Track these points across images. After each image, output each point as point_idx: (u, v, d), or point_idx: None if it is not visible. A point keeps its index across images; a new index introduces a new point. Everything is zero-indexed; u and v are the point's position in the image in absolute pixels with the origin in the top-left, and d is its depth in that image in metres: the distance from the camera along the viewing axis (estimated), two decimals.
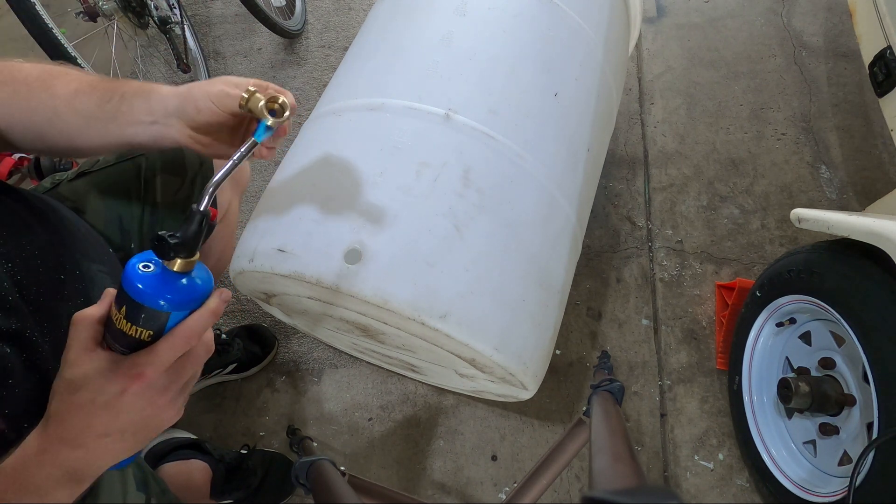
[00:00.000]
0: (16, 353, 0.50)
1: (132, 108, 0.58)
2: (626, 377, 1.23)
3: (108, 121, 0.58)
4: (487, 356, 0.73)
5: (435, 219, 0.72)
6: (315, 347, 1.28)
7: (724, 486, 1.12)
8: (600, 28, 1.01)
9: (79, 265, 0.61)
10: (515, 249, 0.77)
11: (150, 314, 0.41)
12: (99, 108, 0.58)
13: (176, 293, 0.42)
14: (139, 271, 0.41)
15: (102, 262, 0.66)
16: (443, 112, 0.79)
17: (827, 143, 1.49)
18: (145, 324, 0.42)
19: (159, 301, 0.41)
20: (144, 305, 0.41)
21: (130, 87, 0.59)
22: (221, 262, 0.96)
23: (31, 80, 0.58)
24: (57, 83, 0.58)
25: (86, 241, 0.65)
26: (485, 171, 0.77)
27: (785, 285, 0.99)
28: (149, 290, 0.41)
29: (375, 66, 0.90)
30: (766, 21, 1.71)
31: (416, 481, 1.14)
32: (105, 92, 0.58)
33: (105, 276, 0.65)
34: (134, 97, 0.58)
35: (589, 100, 0.96)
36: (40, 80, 0.58)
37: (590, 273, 1.34)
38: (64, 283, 0.58)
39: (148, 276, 0.41)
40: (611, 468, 0.61)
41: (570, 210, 0.88)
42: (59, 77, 0.58)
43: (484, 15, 0.90)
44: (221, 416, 1.22)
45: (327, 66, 1.72)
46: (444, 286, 0.70)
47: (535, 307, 0.79)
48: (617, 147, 1.52)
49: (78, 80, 0.59)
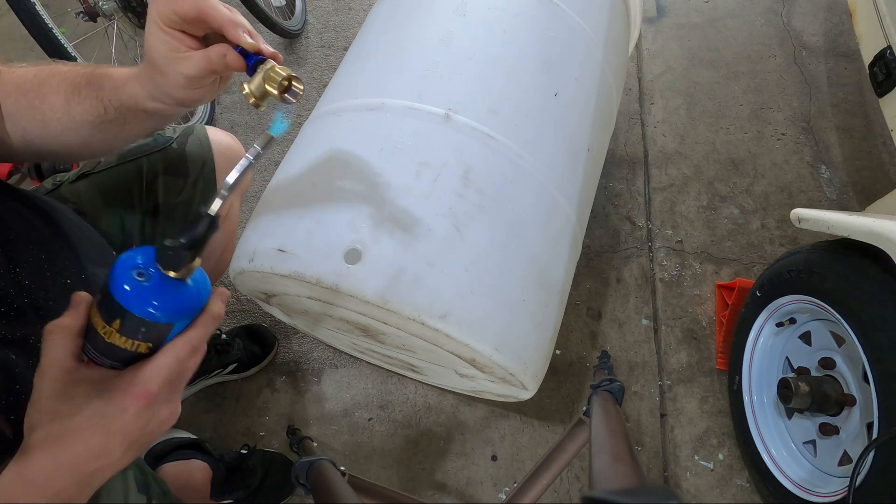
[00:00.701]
0: (22, 359, 0.50)
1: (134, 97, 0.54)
2: (626, 377, 1.23)
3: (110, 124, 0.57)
4: (487, 356, 0.73)
5: (435, 219, 0.72)
6: (315, 347, 1.28)
7: (724, 486, 1.12)
8: (600, 28, 1.01)
9: (84, 269, 0.61)
10: (515, 249, 0.77)
11: (151, 327, 0.38)
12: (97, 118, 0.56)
13: (179, 302, 0.38)
14: (136, 281, 0.37)
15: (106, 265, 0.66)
16: (443, 112, 0.79)
17: (827, 143, 1.49)
18: (145, 336, 0.38)
19: (164, 314, 0.37)
20: (146, 320, 0.37)
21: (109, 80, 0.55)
22: (221, 262, 0.96)
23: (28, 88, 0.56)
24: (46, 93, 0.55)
25: (89, 244, 0.65)
26: (485, 171, 0.77)
27: (785, 285, 0.99)
28: (151, 304, 0.37)
29: (375, 66, 0.90)
30: (766, 21, 1.71)
31: (416, 481, 1.14)
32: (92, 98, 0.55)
33: None
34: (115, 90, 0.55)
35: (589, 100, 0.96)
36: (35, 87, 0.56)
37: (590, 273, 1.34)
38: (70, 287, 0.58)
39: (147, 287, 0.37)
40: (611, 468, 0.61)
41: (570, 210, 0.88)
42: (43, 86, 0.56)
43: (484, 15, 0.90)
44: (221, 416, 1.22)
45: (327, 66, 1.72)
46: (444, 286, 0.70)
47: (535, 307, 0.79)
48: (617, 147, 1.52)
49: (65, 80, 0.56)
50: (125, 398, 0.37)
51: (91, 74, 0.56)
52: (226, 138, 0.84)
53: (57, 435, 0.37)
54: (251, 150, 0.46)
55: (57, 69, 0.56)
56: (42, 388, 0.38)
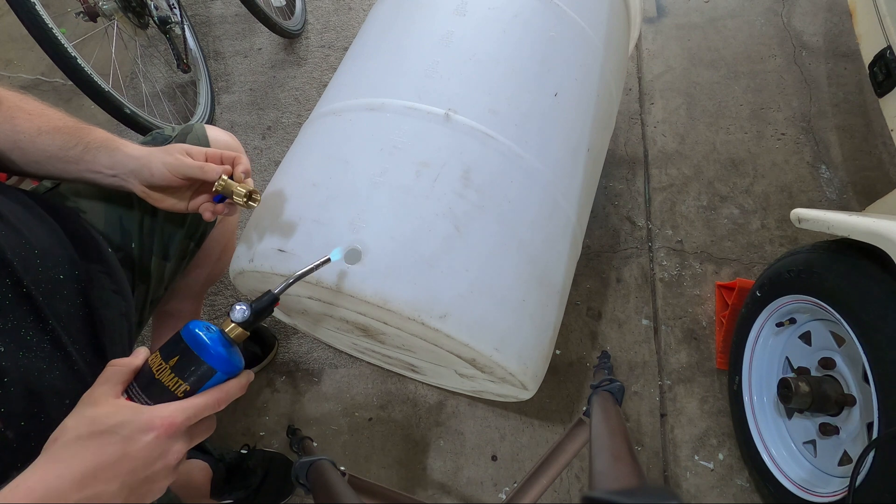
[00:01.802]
0: (12, 351, 0.50)
1: (95, 160, 0.64)
2: (626, 377, 1.23)
3: (70, 163, 0.63)
4: (487, 356, 0.73)
5: (435, 219, 0.72)
6: (315, 347, 1.29)
7: (724, 486, 1.12)
8: (600, 28, 1.01)
9: (76, 265, 0.61)
10: (516, 250, 0.77)
11: (201, 371, 0.45)
12: (62, 151, 0.63)
13: (228, 356, 0.46)
14: (204, 331, 0.46)
15: (101, 263, 0.66)
16: (443, 112, 0.79)
17: (827, 143, 1.49)
18: (190, 378, 0.45)
19: (216, 361, 0.45)
20: (204, 361, 0.45)
21: (95, 137, 0.64)
22: (221, 262, 0.96)
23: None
24: (19, 118, 0.62)
25: (85, 242, 0.65)
26: (485, 171, 0.77)
27: (785, 285, 0.99)
28: (212, 349, 0.45)
29: (375, 66, 0.90)
30: (766, 21, 1.71)
31: (416, 481, 1.14)
32: (69, 137, 0.63)
33: (104, 276, 0.65)
34: (98, 150, 0.63)
35: (589, 100, 0.96)
36: (4, 110, 0.61)
37: (590, 273, 1.34)
38: (63, 282, 0.58)
39: (211, 337, 0.46)
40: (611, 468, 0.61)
41: (571, 210, 0.88)
42: (21, 111, 0.62)
43: (484, 14, 0.89)
44: (221, 416, 1.22)
45: (327, 66, 1.72)
46: (444, 286, 0.70)
47: (536, 307, 0.79)
48: (617, 147, 1.52)
49: (41, 117, 0.63)
50: (154, 421, 0.42)
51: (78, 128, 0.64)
52: (225, 137, 0.84)
53: (87, 445, 0.40)
54: (318, 261, 0.58)
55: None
56: (87, 402, 0.43)
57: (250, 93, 1.69)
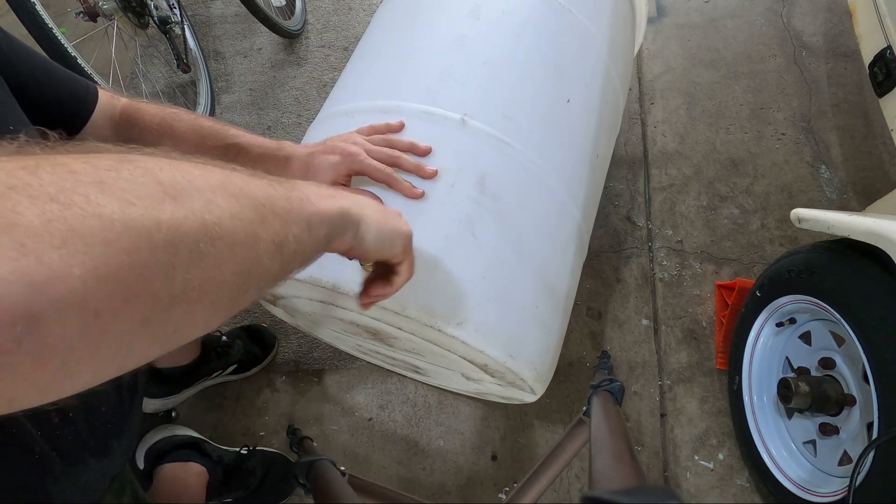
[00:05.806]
0: None
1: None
2: (626, 377, 1.23)
3: None
4: (501, 363, 0.72)
5: (452, 225, 0.71)
6: (315, 347, 1.28)
7: (724, 486, 1.12)
8: (609, 33, 1.01)
9: None
10: (529, 256, 0.76)
11: None
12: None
13: None
14: None
15: None
16: (459, 117, 0.78)
17: (827, 143, 1.49)
18: None
19: None
20: None
21: (257, 150, 0.69)
22: None
23: (154, 128, 0.66)
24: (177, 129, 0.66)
25: None
26: (500, 178, 0.76)
27: (785, 285, 0.99)
28: None
29: (387, 68, 0.89)
30: (766, 21, 1.71)
31: (416, 481, 1.14)
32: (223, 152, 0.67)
33: None
34: (267, 163, 0.68)
35: (599, 105, 0.95)
36: (161, 127, 0.66)
37: (590, 273, 1.34)
38: None
39: None
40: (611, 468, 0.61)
41: (580, 215, 0.88)
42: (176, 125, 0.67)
43: (497, 18, 0.88)
44: (221, 416, 1.22)
45: (327, 66, 1.72)
46: (461, 293, 0.69)
47: (546, 313, 0.78)
48: (617, 147, 1.52)
49: (191, 128, 0.67)
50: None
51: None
52: None
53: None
54: None
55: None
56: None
57: (250, 93, 1.69)
